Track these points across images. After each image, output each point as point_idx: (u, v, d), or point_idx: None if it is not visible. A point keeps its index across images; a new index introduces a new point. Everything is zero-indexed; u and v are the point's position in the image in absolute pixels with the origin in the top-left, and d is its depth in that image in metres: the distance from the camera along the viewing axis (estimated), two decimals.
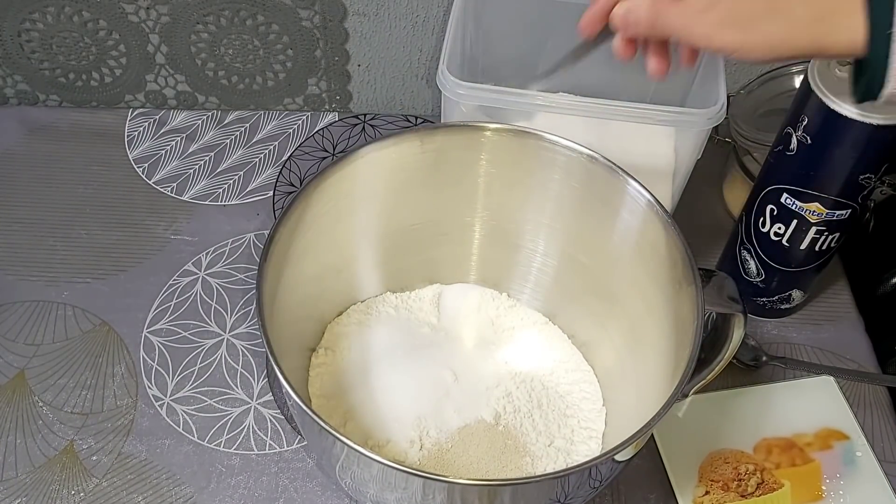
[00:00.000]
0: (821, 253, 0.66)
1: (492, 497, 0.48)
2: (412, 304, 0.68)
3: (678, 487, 0.62)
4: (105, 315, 0.70)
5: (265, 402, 0.66)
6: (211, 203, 0.79)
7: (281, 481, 0.62)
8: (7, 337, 0.69)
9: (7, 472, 0.61)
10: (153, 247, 0.75)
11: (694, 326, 0.50)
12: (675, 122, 0.63)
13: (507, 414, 0.60)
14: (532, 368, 0.64)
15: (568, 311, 0.67)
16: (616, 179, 0.57)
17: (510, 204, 0.64)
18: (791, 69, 0.74)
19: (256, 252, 0.75)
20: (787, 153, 0.61)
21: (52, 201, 0.78)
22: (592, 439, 0.60)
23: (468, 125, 0.60)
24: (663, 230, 0.55)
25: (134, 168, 0.81)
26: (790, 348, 0.71)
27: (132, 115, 0.85)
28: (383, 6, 0.79)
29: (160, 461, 0.62)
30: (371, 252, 0.66)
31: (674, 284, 0.54)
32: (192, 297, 0.72)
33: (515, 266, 0.67)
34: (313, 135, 0.85)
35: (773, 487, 0.62)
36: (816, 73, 0.57)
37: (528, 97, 0.61)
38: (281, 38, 0.81)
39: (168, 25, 0.80)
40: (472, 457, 0.58)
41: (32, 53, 0.82)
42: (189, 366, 0.68)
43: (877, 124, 0.55)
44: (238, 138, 0.84)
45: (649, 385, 0.55)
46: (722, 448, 0.64)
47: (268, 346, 0.48)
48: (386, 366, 0.62)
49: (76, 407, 0.65)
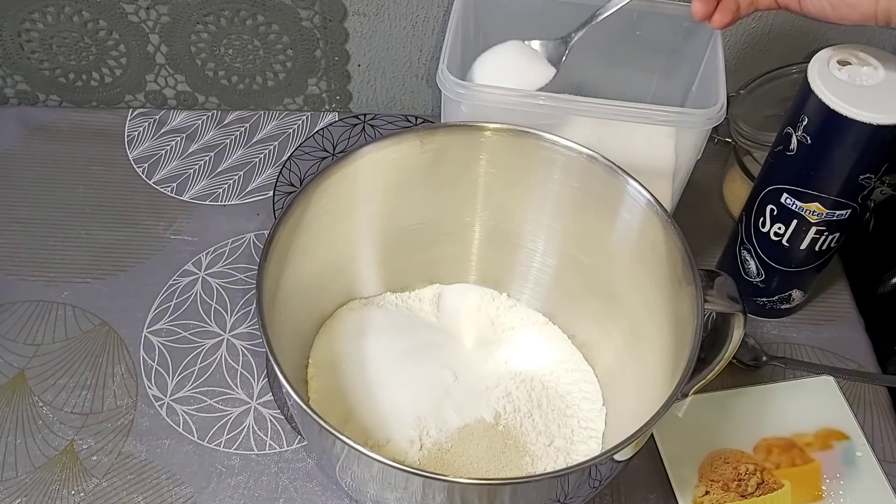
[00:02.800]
0: (821, 253, 0.66)
1: (492, 497, 0.48)
2: (412, 303, 0.68)
3: (678, 487, 0.62)
4: (105, 315, 0.70)
5: (265, 402, 0.66)
6: (211, 203, 0.79)
7: (281, 481, 0.62)
8: (7, 337, 0.69)
9: (7, 472, 0.61)
10: (153, 247, 0.75)
11: (694, 326, 0.50)
12: (676, 122, 0.63)
13: (507, 414, 0.60)
14: (532, 368, 0.64)
15: (568, 310, 0.67)
16: (616, 179, 0.57)
17: (510, 204, 0.64)
18: (791, 69, 0.74)
19: (256, 252, 0.75)
20: (787, 153, 0.61)
21: (52, 201, 0.78)
22: (592, 439, 0.60)
23: (468, 125, 0.60)
24: (663, 230, 0.55)
25: (134, 168, 0.81)
26: (790, 348, 0.71)
27: (132, 115, 0.85)
28: (383, 6, 0.79)
29: (160, 461, 0.62)
30: (371, 252, 0.66)
31: (674, 284, 0.54)
32: (192, 297, 0.72)
33: (515, 266, 0.67)
34: (313, 135, 0.85)
35: (773, 487, 0.62)
36: (816, 73, 0.58)
37: (528, 97, 0.61)
38: (281, 38, 0.81)
39: (168, 25, 0.80)
40: (472, 456, 0.58)
41: (32, 53, 0.82)
42: (189, 366, 0.68)
43: (877, 124, 0.55)
44: (238, 138, 0.84)
45: (649, 385, 0.55)
46: (722, 448, 0.64)
47: (268, 346, 0.48)
48: (386, 366, 0.62)
49: (76, 407, 0.65)
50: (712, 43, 0.68)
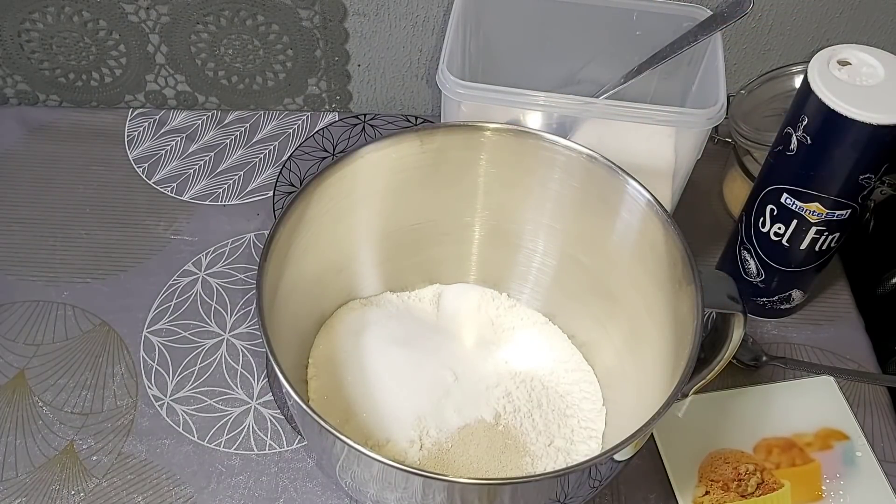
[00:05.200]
0: (821, 253, 0.66)
1: (492, 496, 0.48)
2: (412, 303, 0.68)
3: (678, 487, 0.62)
4: (105, 315, 0.70)
5: (265, 402, 0.66)
6: (211, 203, 0.79)
7: (281, 481, 0.62)
8: (7, 337, 0.69)
9: (7, 472, 0.61)
10: (153, 247, 0.75)
11: (694, 326, 0.50)
12: (676, 122, 0.63)
13: (507, 413, 0.60)
14: (532, 368, 0.64)
15: (568, 310, 0.67)
16: (616, 179, 0.57)
17: (510, 204, 0.64)
18: (791, 69, 0.74)
19: (256, 252, 0.75)
20: (787, 153, 0.61)
21: (52, 201, 0.78)
22: (592, 439, 0.60)
23: (468, 125, 0.60)
24: (663, 230, 0.55)
25: (134, 168, 0.81)
26: (790, 348, 0.71)
27: (132, 115, 0.85)
28: (383, 6, 0.79)
29: (160, 461, 0.62)
30: (371, 252, 0.66)
31: (673, 284, 0.54)
32: (192, 297, 0.72)
33: (515, 266, 0.67)
34: (313, 135, 0.85)
35: (773, 487, 0.62)
36: (816, 73, 0.58)
37: (528, 97, 0.61)
38: (281, 38, 0.81)
39: (168, 25, 0.80)
40: (472, 456, 0.58)
41: (32, 53, 0.82)
42: (189, 366, 0.68)
43: (877, 124, 0.55)
44: (238, 138, 0.84)
45: (649, 385, 0.55)
46: (722, 448, 0.64)
47: (268, 346, 0.48)
48: (386, 365, 0.62)
49: (76, 407, 0.65)
50: (712, 43, 0.68)
